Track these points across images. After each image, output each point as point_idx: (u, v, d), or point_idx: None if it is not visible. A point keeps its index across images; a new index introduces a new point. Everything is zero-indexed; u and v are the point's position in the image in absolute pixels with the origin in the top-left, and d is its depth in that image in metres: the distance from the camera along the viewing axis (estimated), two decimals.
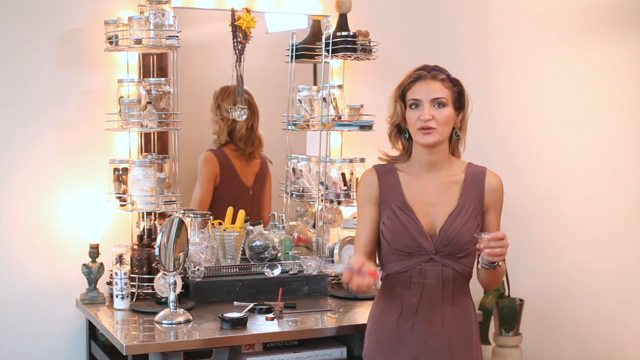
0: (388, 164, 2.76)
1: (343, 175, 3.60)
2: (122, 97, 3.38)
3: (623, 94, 4.52)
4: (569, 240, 4.41)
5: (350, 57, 3.63)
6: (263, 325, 3.01)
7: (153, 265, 3.30)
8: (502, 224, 2.75)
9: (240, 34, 3.45)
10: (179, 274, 3.13)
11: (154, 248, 3.13)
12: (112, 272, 3.26)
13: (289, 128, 3.74)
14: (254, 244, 3.48)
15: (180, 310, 3.04)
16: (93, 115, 3.43)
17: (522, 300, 4.04)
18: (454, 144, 2.74)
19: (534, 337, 4.28)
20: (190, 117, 3.49)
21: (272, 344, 3.01)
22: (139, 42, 3.30)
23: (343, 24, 3.62)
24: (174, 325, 2.98)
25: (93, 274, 3.33)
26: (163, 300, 3.17)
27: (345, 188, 3.59)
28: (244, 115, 3.51)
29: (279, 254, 3.51)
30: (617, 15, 4.46)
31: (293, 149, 3.76)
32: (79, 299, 3.35)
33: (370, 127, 3.61)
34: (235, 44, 3.46)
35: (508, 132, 4.26)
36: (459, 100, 2.68)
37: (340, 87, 3.69)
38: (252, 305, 3.19)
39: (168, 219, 3.07)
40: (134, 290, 3.29)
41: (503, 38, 4.23)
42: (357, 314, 3.22)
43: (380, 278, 2.59)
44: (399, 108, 2.70)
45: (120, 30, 3.32)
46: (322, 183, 3.63)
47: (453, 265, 2.67)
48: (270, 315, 3.09)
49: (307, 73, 3.83)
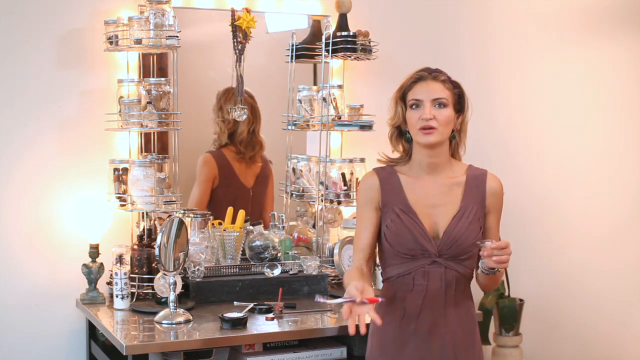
0: (388, 167, 2.75)
1: (343, 175, 3.60)
2: (122, 97, 3.38)
3: (623, 94, 4.52)
4: (569, 240, 4.41)
5: (350, 57, 3.63)
6: (263, 325, 3.01)
7: (153, 265, 3.30)
8: (502, 224, 2.75)
9: (240, 34, 3.45)
10: (179, 274, 3.12)
11: (154, 248, 3.13)
12: (112, 272, 3.26)
13: (289, 128, 3.73)
14: (254, 244, 3.48)
15: (180, 310, 3.04)
16: (93, 115, 3.43)
17: (522, 300, 4.04)
18: (454, 147, 2.74)
19: (534, 337, 4.28)
20: (190, 117, 3.49)
21: (272, 344, 3.01)
22: (139, 42, 3.30)
23: (343, 24, 3.62)
24: (174, 325, 2.98)
25: (93, 274, 3.33)
26: (163, 300, 3.17)
27: (345, 188, 3.59)
28: (244, 116, 3.51)
29: (279, 254, 3.51)
30: (617, 15, 4.46)
31: (293, 149, 3.76)
32: (79, 299, 3.35)
33: (370, 127, 3.61)
34: (235, 44, 3.46)
35: (508, 132, 4.26)
36: (459, 103, 2.68)
37: (340, 87, 3.69)
38: (252, 305, 3.19)
39: (168, 219, 3.07)
40: (134, 290, 3.29)
41: (503, 38, 4.23)
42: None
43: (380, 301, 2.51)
44: (400, 109, 2.69)
45: (120, 30, 3.32)
46: (322, 183, 3.62)
47: (456, 268, 2.66)
48: (270, 315, 3.09)
49: (307, 73, 3.83)
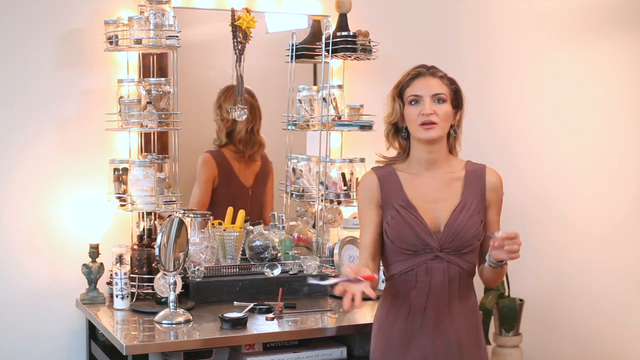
0: (386, 166, 2.76)
1: (343, 175, 3.60)
2: (122, 97, 3.38)
3: (623, 94, 4.52)
4: (569, 240, 4.41)
5: (350, 57, 3.63)
6: (263, 325, 3.01)
7: (153, 265, 3.29)
8: (502, 224, 2.75)
9: (240, 34, 3.45)
10: (179, 274, 3.12)
11: (154, 248, 3.13)
12: (112, 272, 3.26)
13: (289, 128, 3.73)
14: (254, 244, 3.48)
15: (180, 310, 3.04)
16: (93, 115, 3.43)
17: (522, 300, 4.04)
18: (452, 143, 2.75)
19: (534, 337, 4.28)
20: (190, 117, 3.49)
21: (272, 344, 3.01)
22: (139, 42, 3.29)
23: (343, 24, 3.62)
24: (174, 325, 2.98)
25: (93, 274, 3.33)
26: (163, 300, 3.17)
27: (345, 188, 3.59)
28: (244, 116, 3.51)
29: (279, 254, 3.51)
30: (617, 15, 4.46)
31: (293, 149, 3.76)
32: (79, 299, 3.35)
33: (370, 127, 3.61)
34: (235, 44, 3.46)
35: (508, 132, 4.26)
36: (456, 99, 2.71)
37: (340, 87, 3.69)
38: (252, 305, 3.19)
39: (168, 219, 3.07)
40: (134, 290, 3.29)
41: (503, 38, 4.23)
42: (357, 314, 3.22)
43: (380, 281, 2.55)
44: (397, 106, 2.70)
45: (120, 30, 3.32)
46: (322, 183, 3.62)
47: (458, 262, 2.66)
48: (270, 315, 3.09)
49: (307, 73, 3.83)
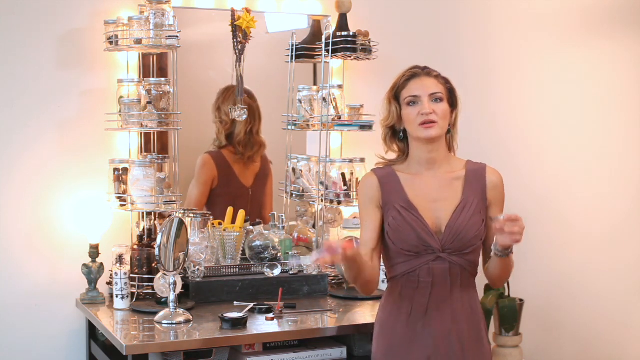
0: (386, 167, 2.76)
1: (343, 175, 3.60)
2: (122, 97, 3.38)
3: (623, 94, 4.51)
4: (569, 240, 4.41)
5: (350, 57, 3.63)
6: (263, 325, 3.01)
7: (153, 265, 3.30)
8: None
9: (240, 34, 3.45)
10: (179, 274, 3.12)
11: (154, 248, 3.13)
12: (112, 272, 3.26)
13: (289, 128, 3.73)
14: (254, 244, 3.48)
15: (180, 310, 3.04)
16: (93, 115, 3.43)
17: (522, 300, 4.04)
18: (449, 142, 2.76)
19: (534, 337, 4.28)
20: (190, 117, 3.49)
21: (272, 344, 3.01)
22: (139, 42, 3.30)
23: (343, 24, 3.62)
24: (174, 325, 2.98)
25: (93, 274, 3.33)
26: (163, 300, 3.17)
27: (345, 188, 3.59)
28: (244, 116, 3.51)
29: (279, 254, 3.51)
30: (617, 15, 4.46)
31: (293, 149, 3.76)
32: (79, 299, 3.35)
33: (370, 127, 3.61)
34: (235, 44, 3.46)
35: (508, 132, 4.25)
36: (451, 98, 2.72)
37: (340, 87, 3.69)
38: (252, 305, 3.19)
39: (168, 219, 3.07)
40: (134, 290, 3.29)
41: (503, 38, 4.23)
42: (357, 314, 3.22)
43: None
44: (394, 109, 2.71)
45: (120, 30, 3.32)
46: (322, 183, 3.62)
47: (460, 262, 2.66)
48: (270, 315, 3.09)
49: (307, 73, 3.83)
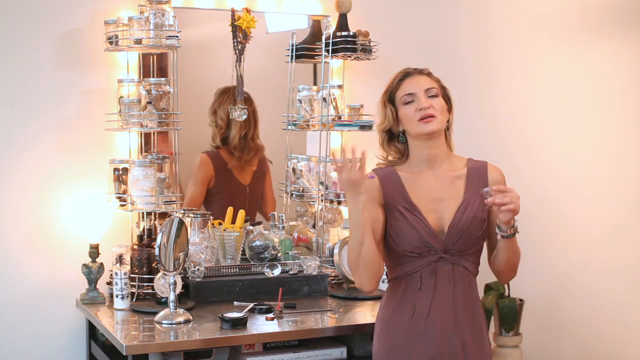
0: (387, 167, 2.75)
1: None
2: (122, 97, 3.38)
3: (623, 94, 4.51)
4: (569, 240, 4.41)
5: (350, 57, 3.63)
6: (263, 325, 3.01)
7: (153, 265, 3.29)
8: None
9: (240, 34, 3.45)
10: (179, 274, 3.12)
11: (154, 248, 3.13)
12: (112, 272, 3.26)
13: (289, 128, 3.73)
14: (254, 244, 3.48)
15: (180, 310, 3.04)
16: (93, 115, 3.43)
17: (522, 300, 4.04)
18: (449, 140, 2.75)
19: (534, 337, 4.28)
20: (190, 117, 3.49)
21: (272, 344, 3.01)
22: (139, 42, 3.30)
23: (343, 24, 3.62)
24: (174, 325, 2.98)
25: (93, 274, 3.33)
26: (163, 300, 3.17)
27: None
28: (244, 115, 3.51)
29: (279, 254, 3.51)
30: (617, 15, 4.46)
31: (293, 149, 3.76)
32: (79, 299, 3.35)
33: (370, 127, 3.61)
34: (235, 44, 3.46)
35: (508, 132, 4.25)
36: (445, 95, 2.72)
37: (340, 87, 3.69)
38: (252, 305, 3.19)
39: (168, 219, 3.07)
40: (134, 290, 3.29)
41: (503, 38, 4.23)
42: (357, 314, 3.22)
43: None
44: (390, 112, 2.70)
45: (120, 30, 3.32)
46: (322, 183, 3.62)
47: (463, 263, 2.66)
48: (270, 315, 3.09)
49: (307, 73, 3.83)
